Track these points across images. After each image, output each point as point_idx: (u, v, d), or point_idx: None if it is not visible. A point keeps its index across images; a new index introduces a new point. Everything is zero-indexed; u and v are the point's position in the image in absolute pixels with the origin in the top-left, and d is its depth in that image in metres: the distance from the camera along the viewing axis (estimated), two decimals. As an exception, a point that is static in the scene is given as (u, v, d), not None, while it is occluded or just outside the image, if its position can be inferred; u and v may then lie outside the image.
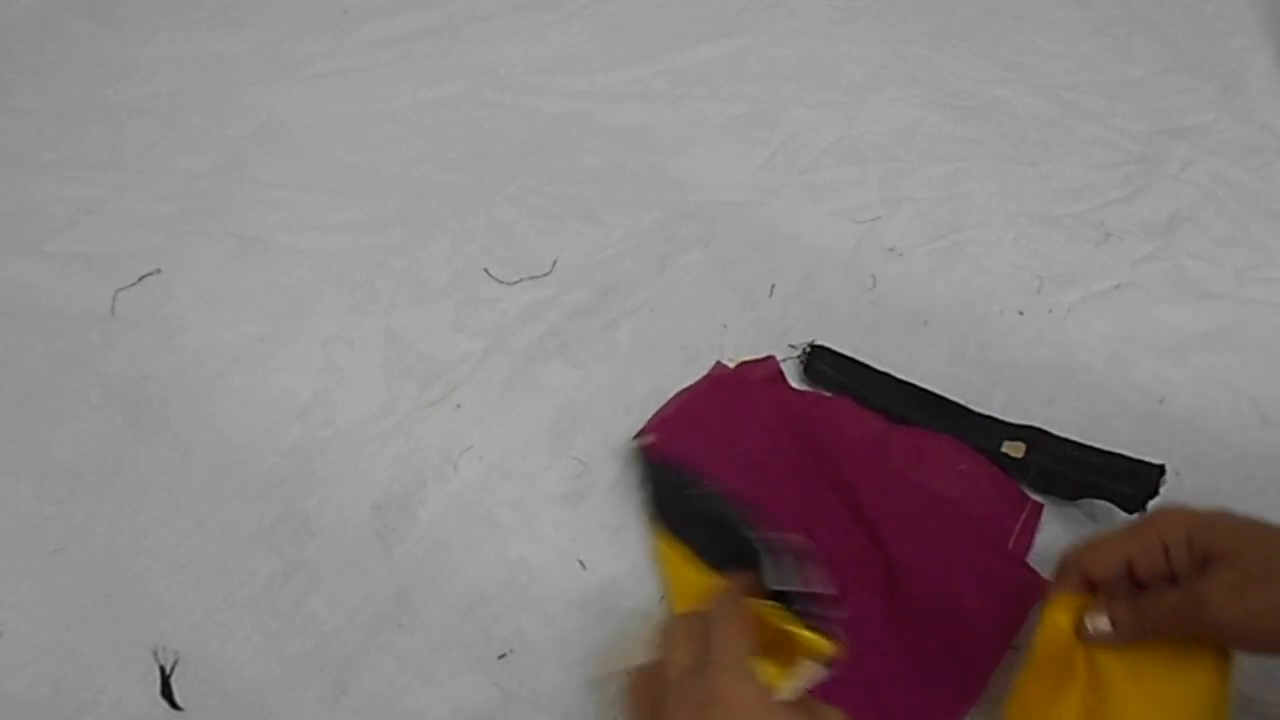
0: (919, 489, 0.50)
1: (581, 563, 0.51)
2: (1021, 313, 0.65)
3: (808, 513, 0.49)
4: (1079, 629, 0.41)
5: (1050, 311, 0.65)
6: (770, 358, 0.58)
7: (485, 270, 0.64)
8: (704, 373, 0.58)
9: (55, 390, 0.55)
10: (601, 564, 0.51)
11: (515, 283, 0.63)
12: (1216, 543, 0.40)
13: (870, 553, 0.48)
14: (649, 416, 0.57)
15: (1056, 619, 0.42)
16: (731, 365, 0.58)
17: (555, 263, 0.65)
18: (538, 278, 0.64)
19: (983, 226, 0.70)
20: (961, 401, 0.57)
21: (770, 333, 0.62)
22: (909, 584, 0.47)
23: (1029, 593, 0.48)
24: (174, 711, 0.44)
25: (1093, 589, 0.42)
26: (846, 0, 0.91)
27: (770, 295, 0.64)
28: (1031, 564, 0.49)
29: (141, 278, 0.61)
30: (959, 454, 0.53)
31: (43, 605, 0.47)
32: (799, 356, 0.60)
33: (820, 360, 0.59)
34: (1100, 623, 0.41)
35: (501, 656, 0.47)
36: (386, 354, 0.59)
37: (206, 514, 0.51)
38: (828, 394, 0.58)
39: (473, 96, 0.77)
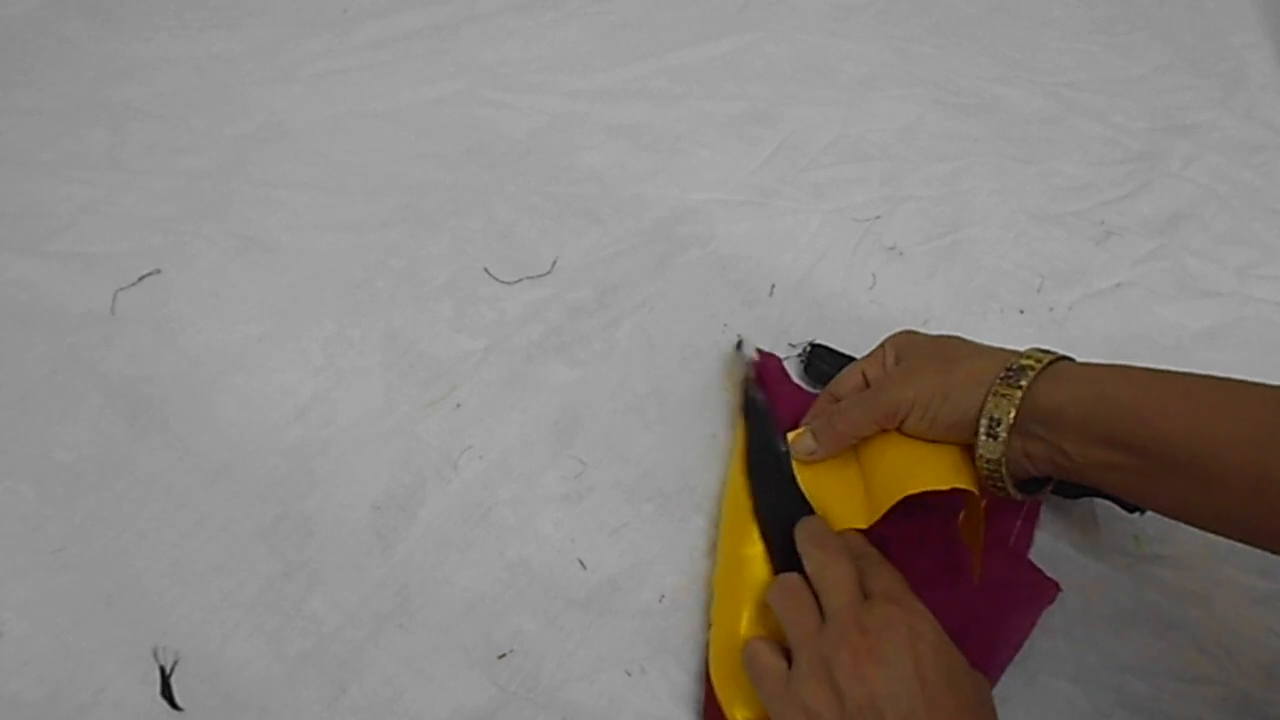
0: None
1: (581, 563, 0.51)
2: (1022, 311, 0.65)
3: None
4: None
5: (1051, 310, 0.65)
6: (773, 356, 0.58)
7: (485, 270, 0.64)
8: (706, 371, 0.58)
9: (55, 390, 0.55)
10: (601, 564, 0.51)
11: (515, 282, 0.63)
12: (908, 347, 0.48)
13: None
14: (649, 416, 0.57)
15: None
16: (755, 351, 0.58)
17: (555, 262, 0.65)
18: (537, 277, 0.64)
19: (983, 225, 0.70)
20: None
21: (770, 332, 0.61)
22: (918, 588, 0.46)
23: (1033, 592, 0.48)
24: (174, 711, 0.44)
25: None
26: (847, -2, 0.91)
27: (770, 294, 0.64)
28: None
29: (141, 278, 0.61)
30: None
31: (43, 605, 0.47)
32: (799, 356, 0.60)
33: (820, 360, 0.58)
34: (803, 440, 0.48)
35: (501, 656, 0.47)
36: (386, 354, 0.59)
37: (206, 514, 0.51)
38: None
39: (472, 96, 0.77)
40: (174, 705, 0.44)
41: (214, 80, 0.76)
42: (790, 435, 0.49)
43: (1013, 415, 0.42)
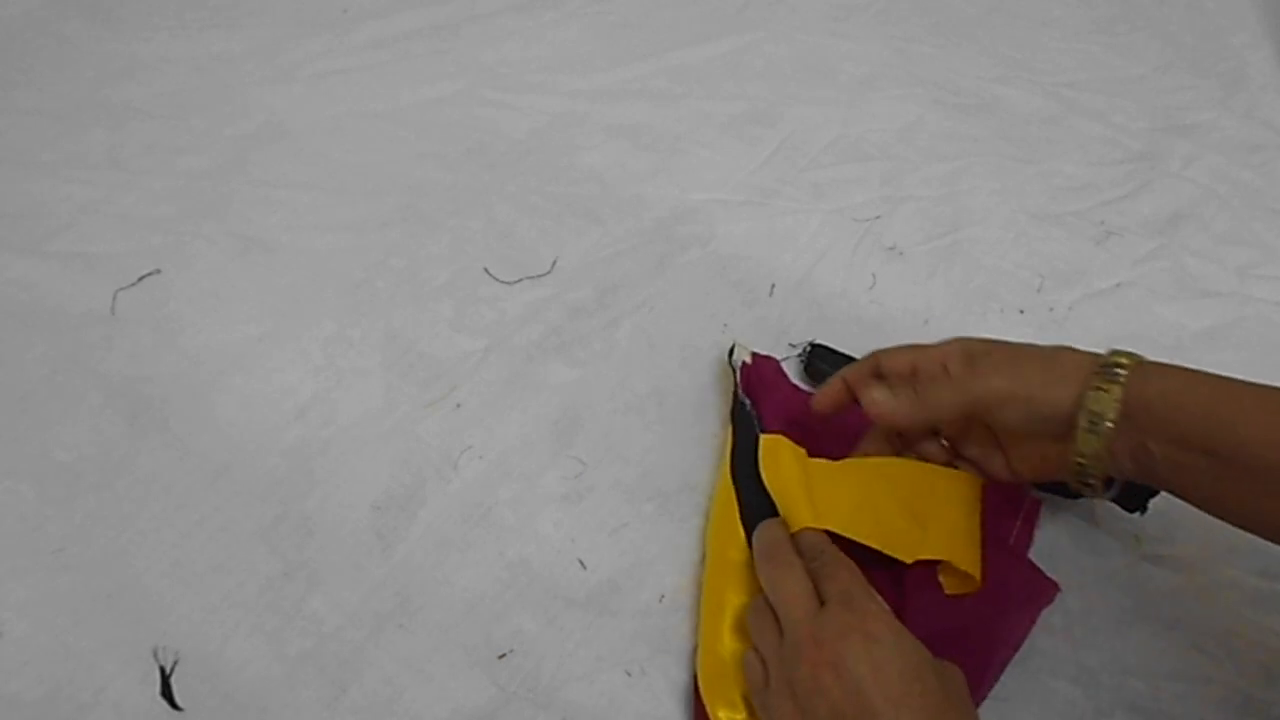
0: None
1: (581, 563, 0.51)
2: (1022, 311, 0.65)
3: None
4: (859, 400, 0.47)
5: (1051, 310, 0.65)
6: (770, 359, 0.58)
7: (485, 269, 0.64)
8: (706, 371, 0.58)
9: (55, 390, 0.55)
10: (601, 564, 0.51)
11: (515, 282, 0.63)
12: (978, 349, 0.45)
13: (876, 561, 0.48)
14: (649, 416, 0.57)
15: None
16: (749, 354, 0.57)
17: (555, 262, 0.65)
18: (537, 277, 0.64)
19: (983, 225, 0.70)
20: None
21: (770, 332, 0.61)
22: (914, 589, 0.46)
23: (1033, 592, 0.48)
24: (174, 711, 0.44)
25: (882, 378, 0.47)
26: (847, -2, 0.91)
27: (770, 294, 0.64)
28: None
29: (141, 278, 0.61)
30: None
31: (43, 605, 0.47)
32: (799, 356, 0.60)
33: (820, 360, 0.58)
34: (878, 393, 0.46)
35: (501, 656, 0.47)
36: (386, 354, 0.59)
37: (206, 514, 0.51)
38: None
39: (472, 96, 0.77)
40: (174, 705, 0.44)
41: (214, 80, 0.76)
42: (862, 391, 0.48)
43: (1116, 411, 0.41)
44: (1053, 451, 0.45)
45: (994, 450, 0.48)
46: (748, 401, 0.53)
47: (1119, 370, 0.41)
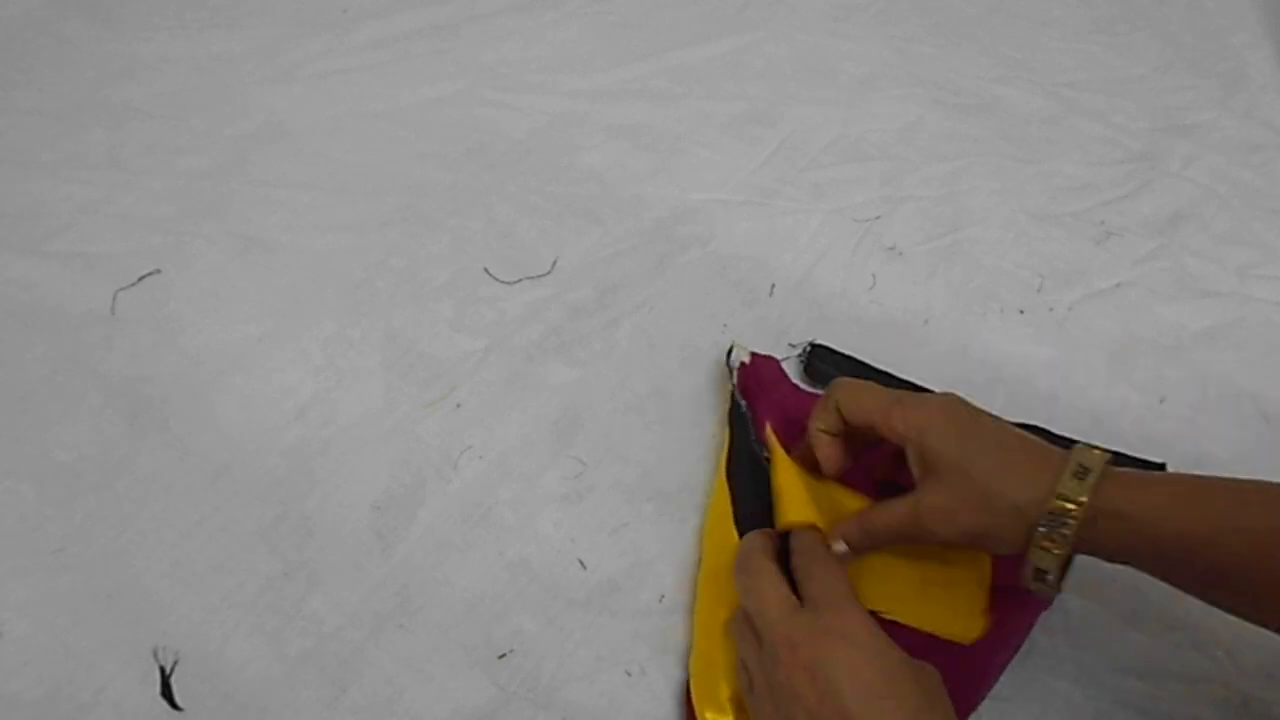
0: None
1: (581, 563, 0.51)
2: (1022, 311, 0.65)
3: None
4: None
5: (1051, 310, 0.65)
6: (771, 359, 0.58)
7: (485, 269, 0.64)
8: (706, 371, 0.58)
9: (55, 390, 0.55)
10: (601, 564, 0.51)
11: (515, 282, 0.63)
12: (940, 462, 0.42)
13: None
14: (649, 416, 0.57)
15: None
16: (747, 354, 0.57)
17: (555, 262, 0.65)
18: (537, 277, 0.64)
19: (983, 225, 0.70)
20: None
21: (770, 332, 0.61)
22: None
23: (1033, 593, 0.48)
24: (174, 711, 0.44)
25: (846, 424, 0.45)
26: (847, -2, 0.91)
27: (770, 294, 0.64)
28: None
29: (141, 278, 0.61)
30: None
31: (43, 605, 0.47)
32: (799, 356, 0.60)
33: (820, 360, 0.58)
34: (838, 545, 0.44)
35: (501, 656, 0.47)
36: (386, 354, 0.59)
37: (206, 514, 0.51)
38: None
39: (472, 96, 0.77)
40: (174, 705, 0.44)
41: (214, 80, 0.76)
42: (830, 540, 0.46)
43: (1059, 567, 0.41)
44: None
45: None
46: (743, 403, 0.53)
47: (1069, 521, 0.40)
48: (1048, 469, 0.41)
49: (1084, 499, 0.39)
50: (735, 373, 0.55)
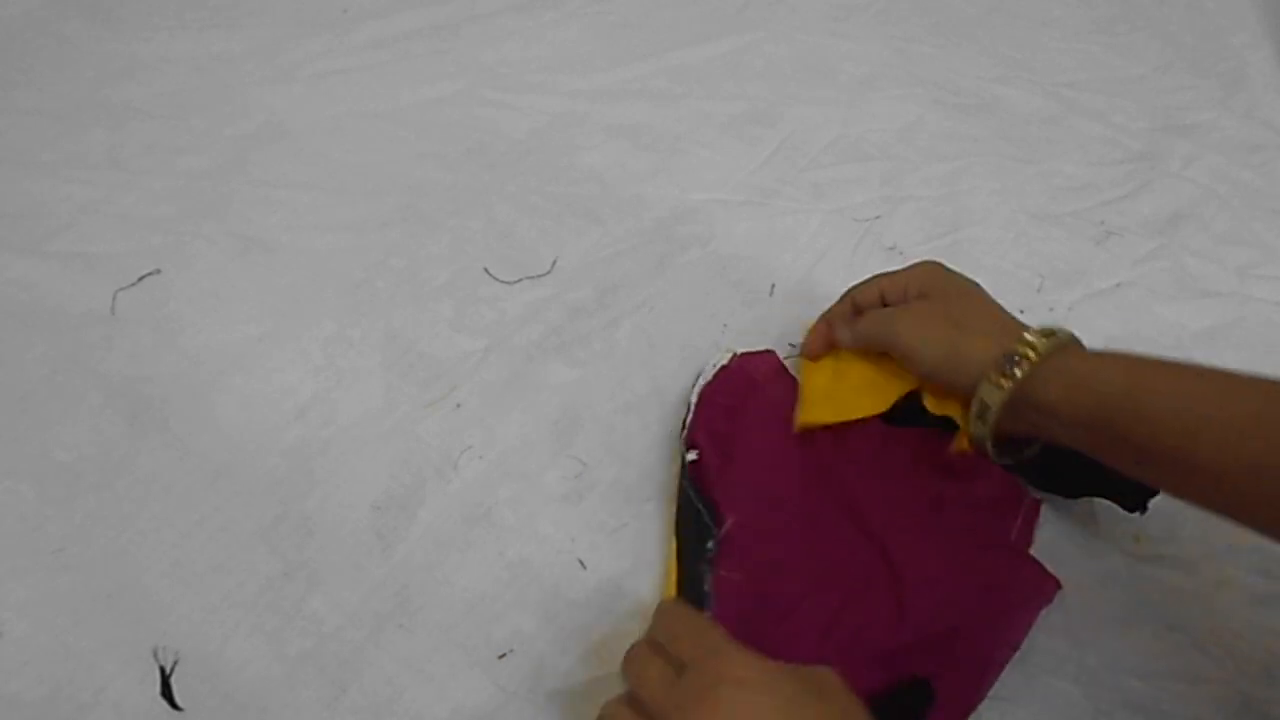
0: (920, 493, 0.50)
1: (581, 563, 0.51)
2: (1022, 311, 0.64)
3: (813, 537, 0.49)
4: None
5: (1051, 310, 0.65)
6: (770, 352, 0.58)
7: (485, 269, 0.64)
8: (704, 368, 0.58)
9: (55, 390, 0.55)
10: (601, 564, 0.51)
11: (515, 282, 0.63)
12: (931, 286, 0.51)
13: (877, 567, 0.48)
14: (649, 416, 0.57)
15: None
16: (737, 354, 0.57)
17: (555, 262, 0.65)
18: (537, 277, 0.64)
19: (983, 225, 0.70)
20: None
21: (770, 332, 0.61)
22: (915, 593, 0.46)
23: (1033, 589, 0.48)
24: (174, 711, 0.44)
25: (859, 312, 0.54)
26: (847, -2, 0.91)
27: (770, 294, 0.64)
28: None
29: (141, 278, 0.61)
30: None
31: (43, 605, 0.47)
32: (799, 356, 0.60)
33: (820, 359, 0.58)
34: (838, 333, 0.54)
35: (501, 656, 0.47)
36: (386, 354, 0.59)
37: (206, 514, 0.51)
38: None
39: (472, 96, 0.77)
40: (174, 705, 0.44)
41: (214, 80, 0.76)
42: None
43: (999, 405, 0.45)
44: None
45: None
46: (689, 455, 0.52)
47: (1023, 362, 0.44)
48: (1019, 326, 0.48)
49: (1044, 349, 0.44)
50: (688, 465, 0.53)
